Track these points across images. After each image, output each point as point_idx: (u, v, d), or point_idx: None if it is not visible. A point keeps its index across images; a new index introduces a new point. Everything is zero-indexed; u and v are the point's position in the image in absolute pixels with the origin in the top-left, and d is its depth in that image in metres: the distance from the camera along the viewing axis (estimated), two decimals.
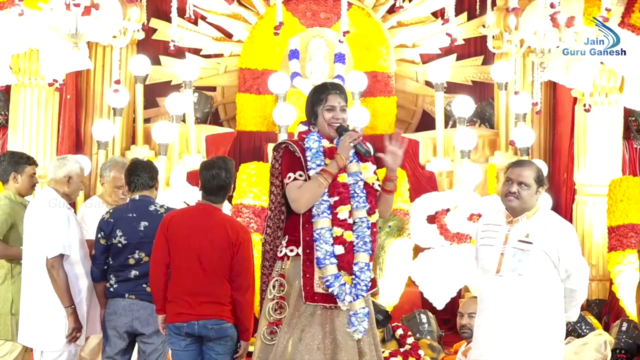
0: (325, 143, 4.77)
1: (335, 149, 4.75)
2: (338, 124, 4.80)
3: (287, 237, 4.75)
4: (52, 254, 5.69)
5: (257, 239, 7.84)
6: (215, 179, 5.25)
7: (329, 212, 4.65)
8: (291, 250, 4.70)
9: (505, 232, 4.90)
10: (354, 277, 4.64)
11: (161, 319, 5.43)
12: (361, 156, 4.81)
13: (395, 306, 8.69)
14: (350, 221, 4.69)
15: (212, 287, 5.21)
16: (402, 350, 7.65)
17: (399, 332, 7.87)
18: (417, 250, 8.96)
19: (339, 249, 4.65)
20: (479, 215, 8.70)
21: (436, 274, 8.72)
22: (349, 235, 4.67)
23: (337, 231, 4.65)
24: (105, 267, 5.75)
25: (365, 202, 4.74)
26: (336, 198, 4.67)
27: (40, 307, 5.78)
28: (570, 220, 9.81)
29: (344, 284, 4.60)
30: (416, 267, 8.86)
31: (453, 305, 8.84)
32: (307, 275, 4.62)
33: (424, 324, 8.29)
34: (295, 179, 4.66)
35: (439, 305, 8.82)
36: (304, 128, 4.82)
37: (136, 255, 5.66)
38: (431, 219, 9.01)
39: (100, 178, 6.45)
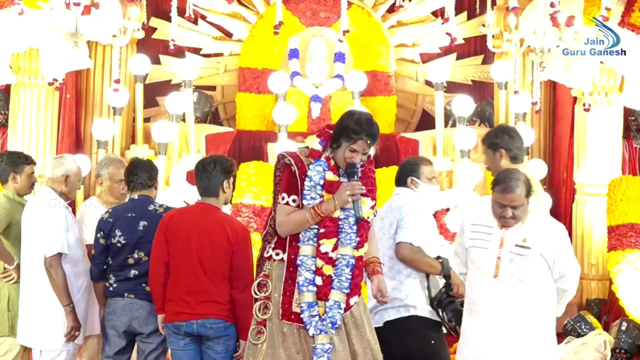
0: (329, 175, 4.69)
1: (336, 183, 4.68)
2: (351, 163, 4.72)
3: (276, 237, 4.76)
4: (50, 252, 5.69)
5: (256, 239, 7.84)
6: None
7: (314, 240, 4.65)
8: (277, 254, 4.70)
9: (499, 235, 4.90)
10: (325, 312, 4.62)
11: (161, 318, 5.44)
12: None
13: None
14: (332, 255, 4.66)
15: (211, 286, 5.22)
16: None
17: None
18: None
19: (318, 280, 4.64)
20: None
21: None
22: (327, 269, 4.64)
23: (318, 262, 4.64)
24: (105, 267, 5.76)
25: (353, 239, 4.70)
26: (322, 230, 4.65)
27: (39, 306, 5.79)
28: (570, 220, 9.82)
29: (315, 315, 4.61)
30: None
31: None
32: (287, 294, 4.63)
33: None
34: (287, 203, 4.65)
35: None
36: (319, 147, 4.73)
37: (135, 255, 5.66)
38: None
39: (98, 178, 6.44)
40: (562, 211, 9.95)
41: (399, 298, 5.31)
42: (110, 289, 5.74)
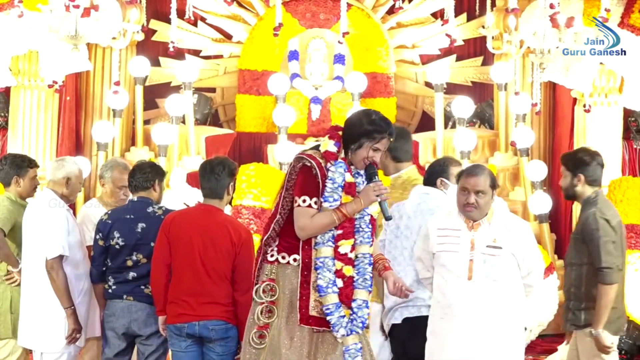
0: (348, 177, 4.63)
1: (354, 185, 4.65)
2: (371, 163, 4.67)
3: (278, 240, 4.67)
4: (51, 255, 5.69)
5: (257, 240, 7.83)
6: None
7: (332, 242, 4.59)
8: (283, 257, 4.65)
9: (469, 237, 4.90)
10: (351, 312, 4.59)
11: (162, 320, 5.44)
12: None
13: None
14: (351, 256, 4.63)
15: (213, 287, 5.22)
16: None
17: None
18: None
19: (339, 282, 4.59)
20: None
21: None
22: (348, 270, 4.61)
23: (337, 265, 4.59)
24: (104, 269, 5.76)
25: (370, 238, 4.68)
26: (340, 232, 4.60)
27: (40, 309, 5.79)
28: (570, 221, 9.81)
29: (343, 316, 4.57)
30: None
31: None
32: (304, 298, 4.57)
33: None
34: (310, 205, 4.54)
35: None
36: (333, 149, 4.62)
37: (134, 257, 5.66)
38: None
39: (100, 179, 6.44)
40: (562, 212, 9.95)
41: (422, 297, 5.28)
42: (110, 290, 5.74)
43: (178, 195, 8.61)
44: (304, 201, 4.56)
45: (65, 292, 5.72)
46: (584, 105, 9.40)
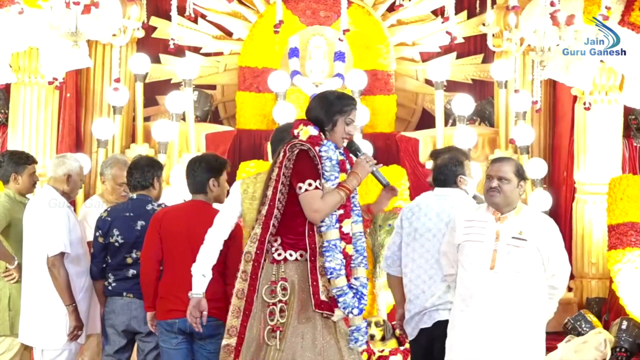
0: (338, 155, 4.66)
1: (344, 161, 4.68)
2: (350, 139, 4.72)
3: (279, 239, 4.62)
4: (52, 252, 5.69)
5: None
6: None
7: (337, 223, 4.60)
8: (290, 255, 4.62)
9: (495, 228, 4.92)
10: (356, 291, 4.60)
11: (150, 315, 5.45)
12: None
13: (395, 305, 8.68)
14: (350, 234, 4.67)
15: None
16: (402, 348, 7.66)
17: (399, 330, 7.86)
18: None
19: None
20: None
21: None
22: (349, 249, 4.64)
23: (341, 244, 4.60)
24: (104, 266, 5.76)
25: (360, 216, 4.74)
26: (341, 212, 4.62)
27: (41, 306, 5.79)
28: (570, 219, 9.83)
29: (353, 297, 4.58)
30: None
31: None
32: (315, 283, 4.55)
33: None
34: (317, 187, 4.52)
35: None
36: (315, 132, 4.62)
37: (134, 255, 5.67)
38: None
39: (101, 176, 6.45)
40: (562, 210, 9.96)
41: (451, 301, 5.27)
42: (109, 288, 5.74)
43: (178, 192, 8.61)
44: (310, 185, 4.52)
45: (67, 289, 5.72)
46: (584, 103, 9.40)
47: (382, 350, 7.62)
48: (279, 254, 4.61)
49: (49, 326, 5.77)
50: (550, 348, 8.14)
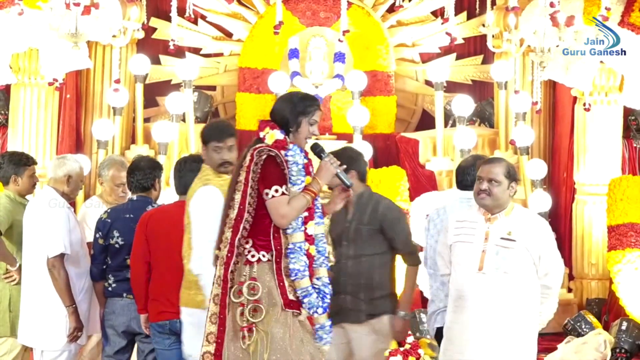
0: (304, 159, 4.72)
1: (308, 164, 4.71)
2: (313, 140, 4.79)
3: (251, 241, 4.62)
4: (52, 253, 5.69)
5: None
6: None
7: (303, 225, 4.65)
8: (263, 256, 4.61)
9: (484, 229, 4.92)
10: (319, 291, 4.66)
11: (144, 318, 5.45)
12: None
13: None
14: (313, 236, 4.70)
15: None
16: (402, 349, 7.65)
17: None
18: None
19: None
20: None
21: None
22: (312, 250, 4.68)
23: (305, 246, 4.65)
24: (104, 267, 5.76)
25: (322, 218, 4.78)
26: (306, 214, 4.66)
27: (41, 307, 5.79)
28: (570, 220, 9.83)
29: (317, 297, 4.63)
30: None
31: None
32: (281, 284, 4.59)
33: (424, 323, 8.29)
34: (283, 193, 4.57)
35: None
36: (280, 136, 4.70)
37: None
38: None
39: (99, 177, 6.45)
40: (562, 211, 9.96)
41: None
42: (109, 289, 5.74)
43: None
44: (277, 191, 4.57)
45: (67, 290, 5.72)
46: (584, 104, 9.40)
47: None
48: (252, 256, 4.61)
49: (49, 327, 5.76)
50: (550, 349, 8.15)
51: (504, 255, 4.86)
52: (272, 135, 4.71)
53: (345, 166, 4.79)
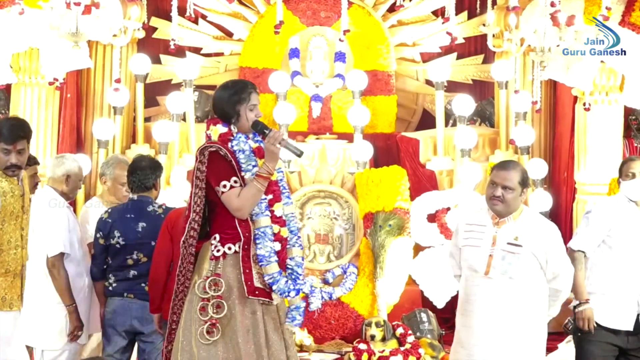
0: (251, 143, 4.74)
1: (261, 148, 4.72)
2: (255, 122, 4.78)
3: (217, 236, 4.65)
4: (52, 252, 5.70)
5: None
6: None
7: (268, 209, 4.66)
8: (229, 249, 4.63)
9: (492, 233, 4.92)
10: (291, 271, 4.68)
11: (157, 317, 5.44)
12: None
13: (395, 305, 8.69)
14: (283, 217, 4.74)
15: None
16: (402, 349, 7.66)
17: (400, 330, 7.88)
18: (418, 249, 8.96)
19: (277, 246, 4.66)
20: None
21: (436, 273, 8.71)
22: (284, 232, 4.71)
23: (275, 228, 4.67)
24: (105, 267, 5.76)
25: (290, 198, 4.82)
26: (270, 196, 4.69)
27: (41, 306, 5.79)
28: (571, 220, 9.81)
29: (287, 281, 4.64)
30: (416, 265, 8.86)
31: (453, 304, 8.82)
32: (247, 271, 4.60)
33: (425, 323, 8.29)
34: (231, 186, 4.59)
35: (439, 304, 8.81)
36: (224, 129, 4.72)
37: (134, 256, 5.67)
38: (431, 218, 9.01)
39: (101, 177, 6.44)
40: (562, 211, 9.95)
41: None
42: (110, 288, 5.75)
43: (178, 193, 8.61)
44: (225, 186, 4.59)
45: (67, 290, 5.72)
46: (585, 104, 9.40)
47: (383, 351, 7.62)
48: (218, 250, 4.63)
49: (49, 326, 5.77)
50: (550, 348, 8.13)
51: (510, 260, 4.86)
52: (216, 130, 4.74)
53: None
